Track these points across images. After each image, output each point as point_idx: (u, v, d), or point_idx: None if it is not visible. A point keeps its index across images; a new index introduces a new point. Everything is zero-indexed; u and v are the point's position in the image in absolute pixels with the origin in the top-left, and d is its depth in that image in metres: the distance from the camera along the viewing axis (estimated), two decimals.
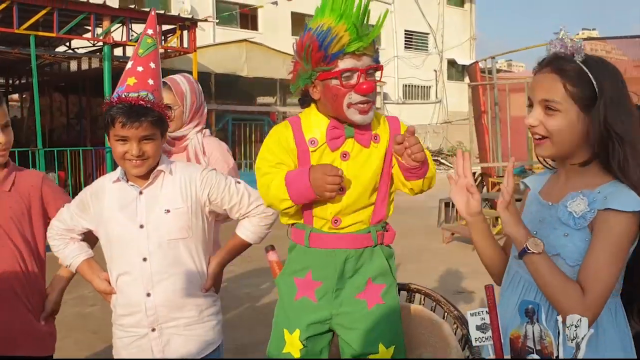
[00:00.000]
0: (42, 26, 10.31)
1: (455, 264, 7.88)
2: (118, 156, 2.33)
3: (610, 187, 1.66)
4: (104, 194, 2.44)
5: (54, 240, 2.56)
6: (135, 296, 2.36)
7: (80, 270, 2.54)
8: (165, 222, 2.36)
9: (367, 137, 2.15)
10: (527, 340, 1.41)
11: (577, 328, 1.33)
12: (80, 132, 16.10)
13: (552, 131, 1.69)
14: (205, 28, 19.97)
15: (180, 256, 2.39)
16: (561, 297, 1.60)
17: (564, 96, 1.67)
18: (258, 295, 6.51)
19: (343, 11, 2.03)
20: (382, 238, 2.21)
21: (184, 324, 2.39)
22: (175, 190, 2.40)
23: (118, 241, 2.38)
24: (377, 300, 2.18)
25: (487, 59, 11.81)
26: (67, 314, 5.87)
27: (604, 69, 1.68)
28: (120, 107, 2.28)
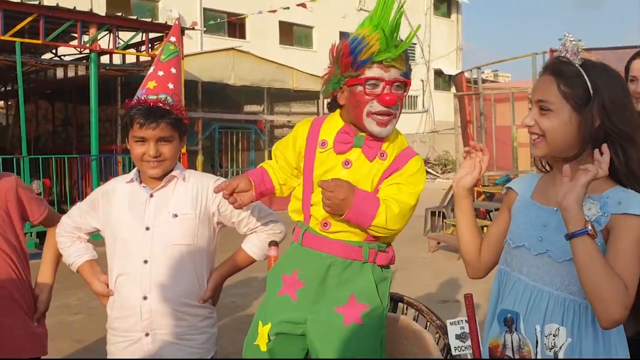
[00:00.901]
0: (28, 33, 10.26)
1: (441, 273, 7.90)
2: (136, 157, 2.36)
3: (618, 192, 1.68)
4: (114, 194, 2.46)
5: (62, 237, 2.57)
6: (132, 298, 2.35)
7: (81, 270, 2.54)
8: (172, 227, 2.37)
9: (375, 151, 2.15)
10: (506, 349, 1.42)
11: (555, 337, 1.35)
12: (66, 139, 15.99)
13: (545, 130, 1.72)
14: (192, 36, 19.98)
15: (182, 263, 2.38)
16: (606, 290, 1.52)
17: (557, 96, 1.70)
18: (243, 304, 6.49)
19: (378, 22, 2.07)
20: (375, 257, 2.17)
21: (179, 332, 2.38)
22: (186, 197, 2.41)
23: (122, 241, 2.39)
24: (356, 319, 2.12)
25: (473, 69, 11.88)
26: (49, 322, 5.77)
27: (601, 71, 1.71)
28: (139, 109, 2.33)
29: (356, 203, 2.02)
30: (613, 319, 1.52)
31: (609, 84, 1.69)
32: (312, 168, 2.19)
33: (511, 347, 1.40)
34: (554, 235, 1.73)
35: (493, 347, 1.42)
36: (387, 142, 2.17)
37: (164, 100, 2.37)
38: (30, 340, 2.57)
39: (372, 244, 2.16)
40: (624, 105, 1.70)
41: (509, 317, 1.41)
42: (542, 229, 1.77)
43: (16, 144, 13.63)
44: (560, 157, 1.76)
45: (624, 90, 1.72)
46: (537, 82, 1.78)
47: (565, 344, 1.34)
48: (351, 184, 2.06)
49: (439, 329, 2.33)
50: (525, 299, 1.75)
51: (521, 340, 1.40)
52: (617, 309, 1.52)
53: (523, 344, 1.39)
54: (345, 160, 2.15)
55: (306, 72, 17.54)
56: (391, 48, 2.05)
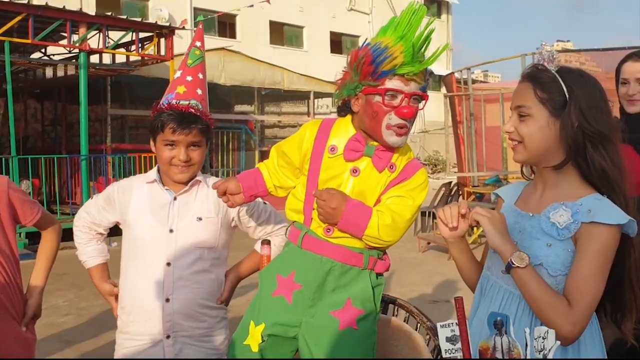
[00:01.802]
0: (17, 32, 10.20)
1: (431, 273, 7.93)
2: (165, 161, 2.37)
3: (592, 200, 1.70)
4: (132, 191, 2.47)
5: (79, 231, 2.59)
6: (153, 300, 2.36)
7: (91, 272, 2.59)
8: (196, 229, 2.40)
9: (384, 162, 2.14)
10: (496, 352, 1.42)
11: (544, 340, 1.36)
12: (55, 139, 15.92)
13: (524, 135, 1.76)
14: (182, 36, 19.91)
15: (204, 265, 2.41)
16: (548, 311, 1.63)
17: (534, 101, 1.73)
18: (234, 304, 6.47)
19: (404, 34, 2.04)
20: (375, 264, 2.18)
21: (199, 334, 2.41)
22: (209, 201, 2.44)
23: (143, 242, 2.40)
24: (351, 323, 2.13)
25: (463, 70, 11.92)
26: (38, 324, 5.76)
27: (577, 77, 1.75)
28: (171, 113, 2.34)
29: (347, 213, 2.05)
30: (562, 335, 1.58)
31: (585, 88, 1.72)
32: (318, 171, 2.17)
33: (501, 350, 1.41)
34: (527, 240, 1.77)
35: (483, 350, 1.43)
36: (397, 154, 2.17)
37: (195, 106, 2.40)
38: (18, 346, 2.52)
39: (372, 251, 2.17)
40: (600, 109, 1.72)
41: (498, 320, 1.42)
42: (519, 234, 1.80)
43: (5, 144, 13.56)
44: (544, 165, 1.79)
45: (601, 94, 1.75)
46: (516, 90, 1.81)
47: (554, 346, 1.35)
48: (344, 194, 2.08)
49: (430, 331, 2.34)
50: (497, 302, 1.82)
51: (511, 343, 1.41)
52: (563, 326, 1.60)
53: (513, 347, 1.40)
54: (353, 168, 2.14)
55: (297, 72, 17.55)
56: (416, 63, 2.03)
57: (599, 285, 1.64)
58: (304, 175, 2.22)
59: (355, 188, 2.12)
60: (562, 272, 1.69)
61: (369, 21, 29.29)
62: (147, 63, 12.60)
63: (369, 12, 29.25)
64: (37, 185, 11.09)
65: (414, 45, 2.01)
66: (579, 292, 1.63)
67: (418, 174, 2.18)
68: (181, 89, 2.42)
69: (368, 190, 2.13)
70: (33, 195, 10.63)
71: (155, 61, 12.42)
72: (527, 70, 1.82)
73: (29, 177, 10.54)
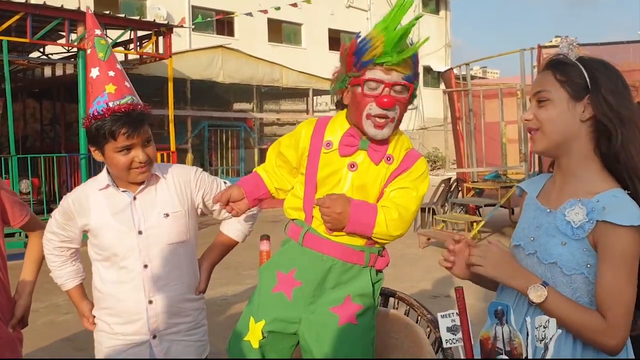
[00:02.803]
0: (15, 31, 10.19)
1: (431, 268, 7.92)
2: (122, 167, 2.25)
3: (609, 196, 1.63)
4: (87, 199, 2.36)
5: (51, 254, 2.48)
6: (136, 304, 2.32)
7: (70, 293, 2.53)
8: (165, 227, 2.34)
9: (381, 155, 2.13)
10: (497, 342, 1.43)
11: (545, 329, 1.36)
12: (54, 138, 15.91)
13: (543, 121, 1.71)
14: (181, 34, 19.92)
15: (180, 260, 2.37)
16: (586, 332, 1.59)
17: (554, 84, 1.70)
18: (234, 301, 6.49)
19: (387, 25, 2.07)
20: (375, 261, 2.19)
21: (184, 329, 2.39)
22: (171, 194, 2.37)
23: (113, 249, 2.31)
24: (351, 319, 2.13)
25: (462, 66, 11.91)
26: (39, 322, 5.79)
27: (598, 64, 1.71)
28: (117, 118, 2.20)
29: (353, 215, 2.04)
30: (608, 350, 1.58)
31: (607, 75, 1.69)
32: (317, 168, 2.16)
33: (502, 339, 1.41)
34: (544, 236, 1.72)
35: (484, 340, 1.43)
36: (393, 145, 2.16)
37: (135, 102, 2.28)
38: (6, 347, 2.46)
39: (373, 248, 2.17)
40: (622, 95, 1.67)
41: (499, 309, 1.42)
42: (536, 230, 1.76)
43: (4, 143, 13.53)
44: (563, 155, 1.74)
45: (623, 82, 1.71)
46: (535, 80, 1.78)
47: (555, 335, 1.35)
48: (346, 196, 2.07)
49: (430, 323, 2.34)
50: (513, 295, 1.76)
51: (512, 333, 1.41)
52: (606, 342, 1.57)
53: (514, 336, 1.40)
54: (351, 163, 2.13)
55: (295, 70, 17.52)
56: (394, 53, 2.03)
57: (631, 291, 1.59)
58: (302, 174, 2.21)
59: (355, 183, 2.11)
60: (577, 271, 1.64)
61: (367, 18, 29.24)
62: (146, 61, 12.60)
63: (368, 9, 29.21)
64: (36, 185, 11.07)
65: (392, 36, 2.03)
66: (611, 304, 1.58)
67: (418, 163, 2.17)
68: (110, 87, 2.26)
69: (368, 184, 2.12)
70: (33, 195, 10.64)
71: (153, 59, 12.41)
72: (545, 61, 1.78)
73: (29, 177, 10.52)
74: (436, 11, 33.44)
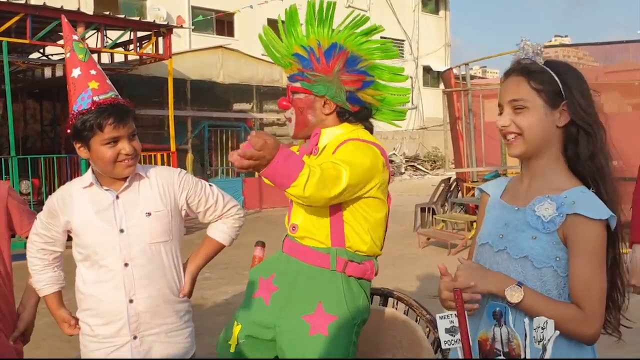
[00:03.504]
0: (15, 32, 10.20)
1: (431, 268, 7.92)
2: (109, 160, 2.26)
3: (577, 192, 1.71)
4: (72, 197, 2.37)
5: (34, 257, 2.46)
6: (116, 303, 2.31)
7: (47, 300, 2.48)
8: (147, 225, 2.33)
9: (311, 147, 2.21)
10: (495, 343, 1.43)
11: (543, 330, 1.36)
12: (54, 139, 15.91)
13: (524, 128, 1.75)
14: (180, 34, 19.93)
15: (162, 260, 2.36)
16: (565, 324, 1.62)
17: (530, 93, 1.73)
18: (234, 301, 6.48)
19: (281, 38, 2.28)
20: (345, 267, 2.13)
21: (165, 330, 2.36)
22: (154, 194, 2.37)
23: (95, 247, 2.31)
24: (322, 330, 2.10)
25: (461, 66, 11.91)
26: (38, 323, 5.72)
27: (566, 68, 1.77)
28: (103, 110, 2.24)
29: (279, 161, 1.79)
30: (586, 339, 1.64)
31: (576, 79, 1.75)
32: None
33: (500, 340, 1.42)
34: (513, 232, 1.77)
35: (482, 341, 1.44)
36: (326, 139, 2.20)
37: (117, 97, 2.33)
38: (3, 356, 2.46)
39: (341, 250, 2.13)
40: (590, 97, 1.76)
41: (497, 310, 1.43)
42: (504, 227, 1.81)
43: (4, 144, 13.53)
44: (537, 158, 1.80)
45: (587, 84, 1.78)
46: (505, 85, 1.80)
47: (553, 336, 1.36)
48: (277, 140, 1.80)
49: (429, 323, 2.35)
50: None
51: (510, 334, 1.42)
52: (584, 332, 1.63)
53: (512, 337, 1.41)
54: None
55: None
56: (281, 62, 2.25)
57: (602, 281, 1.66)
58: None
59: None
60: (547, 265, 1.69)
61: None
62: (146, 62, 12.59)
63: (367, 9, 29.19)
64: (36, 185, 11.09)
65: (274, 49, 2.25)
66: (586, 295, 1.64)
67: (344, 145, 2.13)
68: (94, 84, 2.30)
69: None
70: (33, 195, 10.64)
71: (153, 60, 12.40)
72: (513, 66, 1.82)
73: (29, 177, 10.53)
74: (436, 11, 33.45)
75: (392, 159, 27.18)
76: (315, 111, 2.16)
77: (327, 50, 2.14)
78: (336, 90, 2.12)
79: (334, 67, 2.12)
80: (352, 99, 2.15)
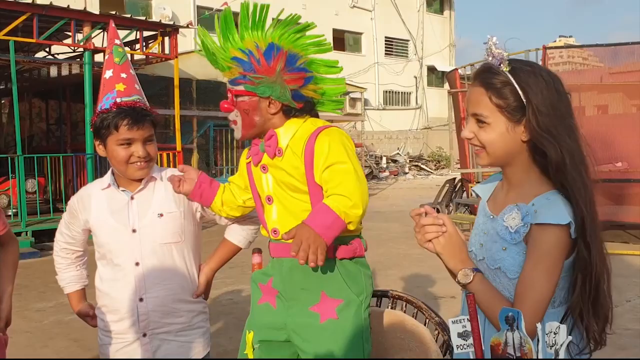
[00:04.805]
0: (21, 32, 10.23)
1: (436, 268, 7.91)
2: (122, 160, 2.33)
3: (543, 199, 1.66)
4: (90, 201, 2.45)
5: (58, 256, 2.61)
6: (127, 301, 2.36)
7: (70, 297, 2.62)
8: (159, 226, 2.38)
9: (272, 150, 2.20)
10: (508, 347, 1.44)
11: (555, 335, 1.37)
12: (60, 138, 15.96)
13: (485, 143, 1.71)
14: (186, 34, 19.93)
15: (173, 261, 2.40)
16: (496, 319, 1.62)
17: (491, 108, 1.68)
18: (241, 301, 6.51)
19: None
20: (335, 251, 2.16)
21: (176, 330, 2.40)
22: (167, 195, 2.42)
23: (109, 246, 2.39)
24: (331, 315, 2.15)
25: (467, 66, 11.91)
26: (46, 322, 5.83)
27: (532, 77, 1.67)
28: (121, 111, 2.30)
29: (316, 227, 1.95)
30: None
31: (540, 88, 1.65)
32: (254, 183, 2.30)
33: (512, 345, 1.43)
34: (489, 242, 1.76)
35: (495, 346, 1.44)
36: (285, 139, 2.20)
37: (140, 101, 2.38)
38: None
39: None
40: (559, 109, 1.66)
41: (510, 315, 1.43)
42: (484, 236, 1.80)
43: (10, 143, 13.59)
44: (508, 166, 1.77)
45: (560, 93, 1.67)
46: (469, 94, 1.75)
47: (566, 341, 1.37)
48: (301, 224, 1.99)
49: (438, 326, 2.36)
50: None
51: (522, 339, 1.43)
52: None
53: (524, 342, 1.42)
54: (262, 166, 2.24)
55: None
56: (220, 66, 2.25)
57: (546, 286, 1.62)
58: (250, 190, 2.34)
59: (273, 182, 2.22)
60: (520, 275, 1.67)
61: (372, 18, 29.25)
62: (152, 62, 12.63)
63: (372, 9, 29.21)
64: (42, 184, 11.11)
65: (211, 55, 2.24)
66: (524, 295, 1.63)
67: (317, 142, 2.14)
68: (120, 86, 2.37)
69: (285, 177, 2.18)
70: (39, 194, 10.67)
71: (159, 60, 12.44)
72: (478, 72, 1.74)
73: (35, 176, 10.56)
74: (440, 11, 33.43)
75: (396, 159, 27.20)
76: (261, 112, 2.19)
77: (266, 51, 2.16)
78: (281, 90, 2.15)
79: (276, 67, 2.15)
80: (297, 96, 2.18)
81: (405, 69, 30.59)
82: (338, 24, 27.93)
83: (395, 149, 28.04)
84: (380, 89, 29.41)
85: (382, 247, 9.19)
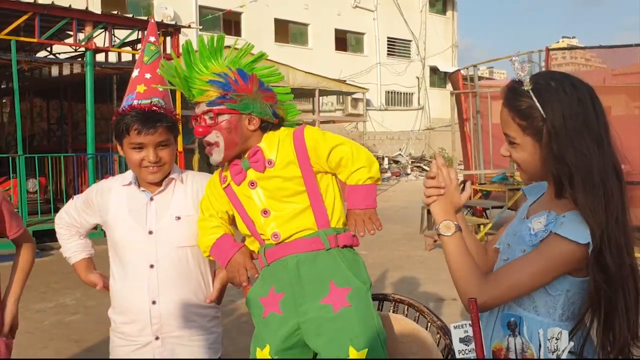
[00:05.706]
0: (23, 31, 10.23)
1: (438, 270, 7.91)
2: (134, 164, 2.33)
3: (576, 215, 1.62)
4: (110, 193, 2.44)
5: (61, 228, 2.59)
6: (140, 303, 2.35)
7: (76, 266, 2.59)
8: (176, 229, 2.36)
9: (261, 164, 2.22)
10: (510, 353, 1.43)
11: (557, 341, 1.36)
12: (61, 137, 15.96)
13: (518, 161, 1.74)
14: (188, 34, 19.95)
15: (188, 265, 2.38)
16: (463, 278, 1.65)
17: (517, 130, 1.69)
18: (241, 303, 6.49)
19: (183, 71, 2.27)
20: (337, 240, 2.21)
21: (189, 334, 2.39)
22: (186, 198, 2.41)
23: (124, 245, 2.38)
24: (343, 303, 2.16)
25: (469, 67, 11.89)
26: (47, 323, 5.82)
27: (554, 95, 1.63)
28: (134, 115, 2.29)
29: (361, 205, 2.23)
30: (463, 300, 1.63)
31: (560, 107, 1.61)
32: (241, 203, 2.26)
33: (514, 350, 1.41)
34: (515, 244, 1.75)
35: (497, 351, 1.43)
36: (269, 150, 2.24)
37: (157, 104, 2.35)
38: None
39: (328, 229, 2.21)
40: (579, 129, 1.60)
41: (512, 320, 1.42)
42: (513, 237, 1.79)
43: (11, 142, 13.59)
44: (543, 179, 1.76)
45: (582, 111, 1.61)
46: (500, 112, 1.75)
47: (567, 347, 1.35)
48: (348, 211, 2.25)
49: (440, 330, 2.34)
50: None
51: (524, 344, 1.41)
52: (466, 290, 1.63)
53: (526, 347, 1.40)
54: (249, 182, 2.24)
55: (302, 70, 17.53)
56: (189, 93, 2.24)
57: (528, 279, 1.61)
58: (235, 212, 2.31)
59: (266, 195, 2.22)
60: None
61: (374, 18, 29.24)
62: None
63: (374, 9, 29.20)
64: (43, 184, 11.10)
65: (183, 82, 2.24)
66: (502, 273, 1.65)
67: (306, 136, 2.25)
68: (141, 87, 2.37)
69: (278, 188, 2.21)
70: (40, 194, 10.67)
71: None
72: (503, 91, 1.74)
73: (36, 176, 10.55)
74: (443, 11, 33.42)
75: (398, 160, 27.18)
76: (242, 129, 2.22)
77: (239, 73, 2.23)
78: (261, 106, 2.24)
79: (252, 87, 2.23)
80: (273, 113, 2.29)
81: (408, 70, 30.58)
82: (340, 24, 27.95)
83: (397, 149, 28.01)
84: (382, 89, 29.40)
85: (383, 249, 9.18)
